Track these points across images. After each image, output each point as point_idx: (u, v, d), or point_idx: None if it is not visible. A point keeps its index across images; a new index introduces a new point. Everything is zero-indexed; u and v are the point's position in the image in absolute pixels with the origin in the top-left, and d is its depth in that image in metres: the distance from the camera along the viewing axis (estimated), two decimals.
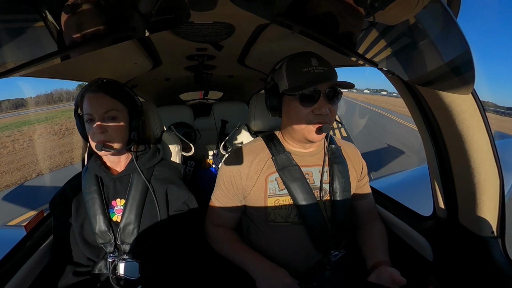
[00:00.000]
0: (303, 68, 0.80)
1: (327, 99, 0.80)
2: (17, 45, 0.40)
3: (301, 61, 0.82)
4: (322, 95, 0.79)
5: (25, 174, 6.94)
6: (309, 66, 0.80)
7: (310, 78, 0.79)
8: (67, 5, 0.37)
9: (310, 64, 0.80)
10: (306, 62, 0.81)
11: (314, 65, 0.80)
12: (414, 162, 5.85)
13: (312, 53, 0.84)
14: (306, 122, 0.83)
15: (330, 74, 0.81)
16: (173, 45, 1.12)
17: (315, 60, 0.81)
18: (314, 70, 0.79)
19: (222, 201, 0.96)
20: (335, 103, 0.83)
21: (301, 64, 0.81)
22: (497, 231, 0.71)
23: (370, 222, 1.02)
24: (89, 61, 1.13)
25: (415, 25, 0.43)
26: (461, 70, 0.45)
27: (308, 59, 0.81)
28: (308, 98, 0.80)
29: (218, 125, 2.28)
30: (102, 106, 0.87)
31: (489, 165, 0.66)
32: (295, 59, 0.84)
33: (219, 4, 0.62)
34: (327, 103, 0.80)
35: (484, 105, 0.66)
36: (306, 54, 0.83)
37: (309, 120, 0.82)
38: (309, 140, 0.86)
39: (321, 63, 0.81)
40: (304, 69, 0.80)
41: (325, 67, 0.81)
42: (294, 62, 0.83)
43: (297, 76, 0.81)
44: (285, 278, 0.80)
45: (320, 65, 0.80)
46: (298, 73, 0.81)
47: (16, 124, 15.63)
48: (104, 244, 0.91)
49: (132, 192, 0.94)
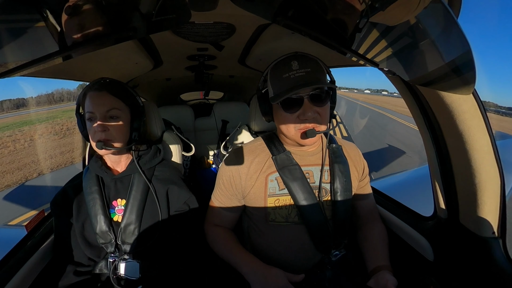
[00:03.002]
0: (284, 73, 0.78)
1: (312, 102, 0.79)
2: (18, 45, 0.40)
3: (282, 65, 0.80)
4: (306, 99, 0.78)
5: (26, 173, 6.95)
6: (289, 71, 0.78)
7: (291, 83, 0.77)
8: (68, 5, 0.37)
9: (291, 68, 0.78)
10: (287, 67, 0.78)
11: (295, 68, 0.77)
12: (415, 162, 5.84)
13: (294, 56, 0.81)
14: (294, 127, 0.83)
15: (311, 76, 0.78)
16: (174, 45, 1.13)
17: (295, 63, 0.78)
18: (294, 75, 0.77)
19: (222, 200, 0.96)
20: (324, 104, 0.81)
21: (282, 70, 0.79)
22: (498, 232, 0.71)
23: (370, 223, 1.01)
24: (90, 61, 1.13)
25: (416, 26, 0.43)
26: (462, 70, 0.45)
27: (288, 63, 0.79)
28: (291, 104, 0.80)
29: (219, 125, 2.29)
30: (104, 104, 0.87)
31: (490, 165, 0.66)
32: (277, 64, 0.82)
33: (219, 4, 0.62)
34: (314, 105, 0.79)
35: (485, 105, 0.66)
36: (288, 58, 0.81)
37: (296, 125, 0.82)
38: (301, 144, 0.87)
39: (302, 65, 0.78)
40: (284, 75, 0.78)
41: (307, 68, 0.78)
42: (277, 68, 0.82)
43: (278, 83, 0.80)
44: (278, 279, 0.79)
45: (301, 68, 0.77)
46: (280, 79, 0.80)
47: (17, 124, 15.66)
48: (105, 244, 0.91)
49: (133, 192, 0.94)
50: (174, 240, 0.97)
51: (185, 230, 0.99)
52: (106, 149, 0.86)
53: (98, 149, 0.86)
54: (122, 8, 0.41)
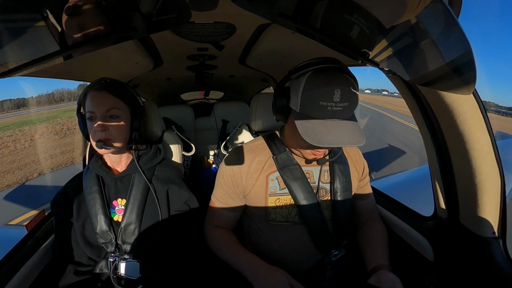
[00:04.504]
0: (322, 100, 0.70)
1: None
2: (18, 45, 0.40)
3: (323, 88, 0.70)
4: None
5: (26, 173, 6.95)
6: (328, 100, 0.70)
7: (326, 115, 0.72)
8: (68, 5, 0.37)
9: (331, 99, 0.70)
10: (328, 93, 0.70)
11: (335, 101, 0.70)
12: (415, 162, 5.84)
13: (337, 80, 0.71)
14: (305, 147, 0.84)
15: (347, 113, 0.73)
16: (174, 45, 1.13)
17: (338, 93, 0.70)
18: (332, 108, 0.70)
19: (223, 200, 0.96)
20: None
21: (321, 93, 0.70)
22: (498, 232, 0.71)
23: (370, 223, 1.01)
24: (90, 61, 1.13)
25: (416, 25, 0.43)
26: (462, 70, 0.45)
27: (331, 89, 0.70)
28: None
29: (219, 125, 2.29)
30: (104, 104, 0.87)
31: (490, 165, 0.66)
32: (318, 79, 0.72)
33: (220, 4, 0.63)
34: None
35: (486, 105, 0.66)
36: (331, 81, 0.70)
37: (309, 148, 0.84)
38: (307, 159, 0.90)
39: (343, 98, 0.70)
40: (322, 102, 0.70)
41: (345, 102, 0.71)
42: (316, 85, 0.72)
43: (312, 106, 0.72)
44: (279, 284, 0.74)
45: (341, 101, 0.70)
46: (315, 103, 0.71)
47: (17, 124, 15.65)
48: (105, 243, 0.91)
49: (133, 192, 0.94)
50: (175, 239, 0.97)
51: (185, 230, 0.99)
52: (106, 148, 0.86)
53: (98, 149, 0.86)
54: (122, 8, 0.41)
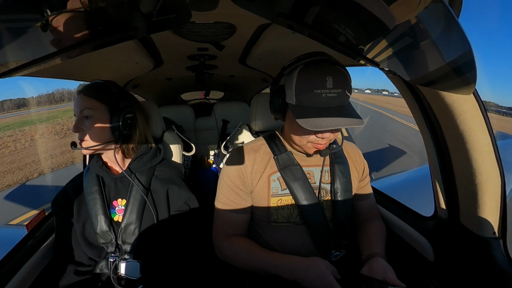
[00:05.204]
0: (316, 88, 0.71)
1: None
2: (18, 45, 0.40)
3: (315, 76, 0.71)
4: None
5: (26, 173, 6.96)
6: (322, 88, 0.70)
7: (321, 103, 0.72)
8: (69, 5, 0.37)
9: (324, 85, 0.70)
10: (321, 81, 0.70)
11: (329, 87, 0.70)
12: (415, 162, 5.84)
13: (328, 68, 0.72)
14: (307, 140, 0.81)
15: (342, 99, 0.72)
16: (174, 45, 1.13)
17: (330, 80, 0.70)
18: (326, 94, 0.70)
19: (230, 201, 0.92)
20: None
21: (314, 82, 0.71)
22: (499, 232, 0.71)
23: (370, 220, 1.01)
24: (90, 61, 1.13)
25: (416, 25, 0.43)
26: (462, 70, 0.45)
27: (323, 77, 0.70)
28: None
29: (219, 125, 2.29)
30: (77, 105, 0.89)
31: (490, 165, 0.66)
32: (309, 70, 0.73)
33: (220, 4, 0.63)
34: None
35: (486, 105, 0.66)
36: (322, 69, 0.72)
37: (311, 141, 0.81)
38: (308, 154, 0.88)
39: (336, 84, 0.71)
40: (316, 90, 0.71)
41: (339, 88, 0.71)
42: (308, 76, 0.72)
43: (307, 96, 0.72)
44: (322, 266, 0.75)
45: (335, 87, 0.71)
46: (309, 92, 0.71)
47: (17, 124, 15.67)
48: (106, 244, 0.91)
49: (133, 192, 0.94)
50: (175, 240, 0.97)
51: (185, 230, 0.99)
52: (78, 149, 0.88)
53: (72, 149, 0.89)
54: (122, 8, 0.41)
